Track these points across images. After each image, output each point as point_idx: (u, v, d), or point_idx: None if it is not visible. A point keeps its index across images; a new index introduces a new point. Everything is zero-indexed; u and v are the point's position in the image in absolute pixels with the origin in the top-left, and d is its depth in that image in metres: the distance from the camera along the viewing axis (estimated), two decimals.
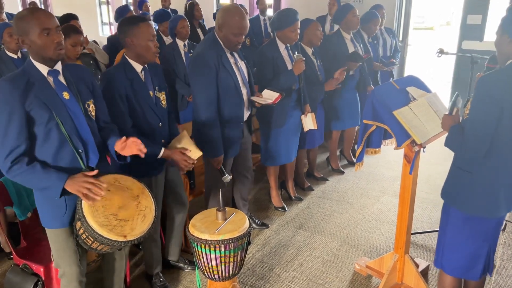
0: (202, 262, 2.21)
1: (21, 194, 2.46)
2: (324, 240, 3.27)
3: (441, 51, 3.31)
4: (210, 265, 2.19)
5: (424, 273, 2.76)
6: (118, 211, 1.87)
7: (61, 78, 1.87)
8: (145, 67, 2.34)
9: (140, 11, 7.03)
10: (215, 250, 2.13)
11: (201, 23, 6.12)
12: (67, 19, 4.27)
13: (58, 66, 1.86)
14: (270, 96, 2.92)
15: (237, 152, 2.91)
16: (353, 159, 4.67)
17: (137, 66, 2.31)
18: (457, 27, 6.46)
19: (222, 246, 2.12)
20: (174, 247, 2.81)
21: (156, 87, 2.39)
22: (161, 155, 2.33)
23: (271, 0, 7.64)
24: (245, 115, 2.85)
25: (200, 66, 2.59)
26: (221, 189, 2.34)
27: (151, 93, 2.35)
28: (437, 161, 4.62)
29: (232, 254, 2.17)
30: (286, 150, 3.46)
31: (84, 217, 1.79)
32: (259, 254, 3.09)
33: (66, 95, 1.85)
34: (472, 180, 1.93)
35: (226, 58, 2.66)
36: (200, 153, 2.44)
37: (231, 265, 2.21)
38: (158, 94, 2.39)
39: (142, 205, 1.96)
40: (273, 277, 2.84)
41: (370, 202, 3.87)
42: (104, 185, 1.81)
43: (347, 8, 4.01)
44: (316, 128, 3.56)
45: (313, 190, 4.08)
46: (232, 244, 2.14)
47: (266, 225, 3.44)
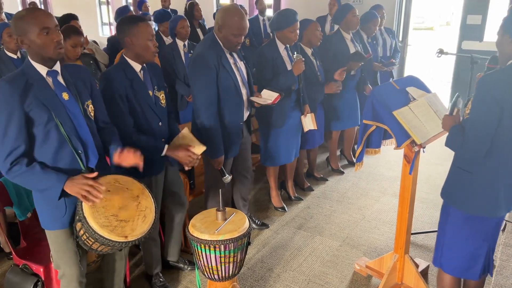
0: (202, 262, 2.21)
1: (21, 194, 2.46)
2: (324, 240, 3.27)
3: (441, 51, 3.31)
4: (210, 265, 2.19)
5: (424, 273, 2.76)
6: (118, 211, 1.87)
7: (60, 79, 1.86)
8: (143, 66, 2.33)
9: (140, 12, 7.04)
10: (215, 250, 2.13)
11: (201, 23, 6.12)
12: (67, 19, 4.27)
13: (57, 67, 1.86)
14: (270, 96, 2.92)
15: (237, 152, 2.91)
16: (353, 159, 4.67)
17: (136, 66, 2.31)
18: (457, 27, 6.46)
19: (222, 246, 2.12)
20: (174, 247, 2.81)
21: (155, 86, 2.39)
22: (165, 152, 2.33)
23: (270, 1, 7.65)
24: (245, 115, 2.85)
25: (200, 66, 2.59)
26: (221, 189, 2.34)
27: (150, 93, 2.34)
28: (437, 161, 4.62)
29: (232, 254, 2.17)
30: (286, 150, 3.46)
31: (84, 218, 1.79)
32: (259, 254, 3.09)
33: (65, 95, 1.84)
34: (472, 180, 1.93)
35: (225, 59, 2.66)
36: (203, 147, 2.43)
37: (231, 265, 2.21)
38: (157, 94, 2.39)
39: (142, 205, 1.96)
40: (273, 277, 2.84)
41: (370, 202, 3.87)
42: (103, 188, 1.81)
43: (347, 8, 4.01)
44: (316, 128, 3.55)
45: (313, 190, 4.08)
46: (232, 244, 2.14)
47: (266, 225, 3.44)
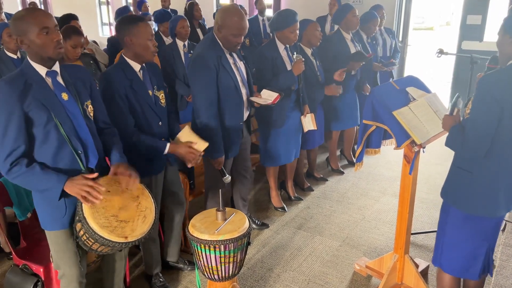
0: (202, 262, 2.21)
1: (21, 195, 2.46)
2: (324, 240, 3.27)
3: (441, 52, 3.31)
4: (210, 265, 2.19)
5: (424, 273, 2.76)
6: (118, 212, 1.87)
7: (60, 79, 1.86)
8: (143, 66, 2.33)
9: (139, 12, 7.04)
10: (215, 251, 2.13)
11: (201, 23, 6.12)
12: (67, 19, 4.27)
13: (56, 67, 1.85)
14: (269, 96, 2.92)
15: (237, 153, 2.91)
16: (353, 159, 4.67)
17: (135, 66, 2.30)
18: (456, 27, 6.47)
19: (222, 247, 2.12)
20: (173, 248, 2.81)
21: (155, 86, 2.38)
22: (167, 151, 2.33)
23: (270, 1, 7.64)
24: (245, 115, 2.85)
25: (200, 67, 2.59)
26: (220, 190, 2.34)
27: (150, 92, 2.34)
28: (437, 161, 4.62)
29: (232, 254, 2.17)
30: (286, 150, 3.46)
31: (84, 218, 1.79)
32: (259, 255, 3.09)
33: (64, 96, 1.84)
34: (472, 180, 1.93)
35: (225, 59, 2.65)
36: (206, 144, 2.42)
37: (231, 265, 2.21)
38: (157, 93, 2.39)
39: (142, 205, 1.96)
40: (273, 277, 2.84)
41: (370, 202, 3.87)
42: (102, 189, 1.81)
43: (346, 8, 4.01)
44: (315, 128, 3.55)
45: (313, 190, 4.08)
46: (232, 244, 2.14)
47: (266, 225, 3.44)
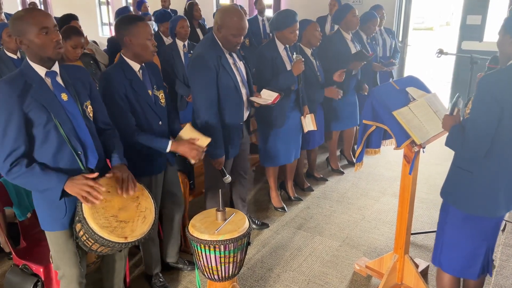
0: (202, 262, 2.21)
1: (21, 195, 2.46)
2: (324, 240, 3.27)
3: (441, 52, 3.31)
4: (210, 265, 2.19)
5: (423, 274, 2.76)
6: (118, 212, 1.87)
7: (59, 79, 1.85)
8: (142, 66, 2.33)
9: (139, 12, 7.04)
10: (215, 251, 2.13)
11: (201, 23, 6.12)
12: (67, 19, 4.26)
13: (56, 67, 1.85)
14: (269, 96, 2.92)
15: (237, 153, 2.90)
16: (353, 159, 4.67)
17: (134, 66, 2.30)
18: (456, 27, 6.46)
19: (222, 247, 2.12)
20: (172, 249, 2.80)
21: (154, 85, 2.38)
22: (169, 149, 2.31)
23: (270, 1, 7.64)
24: (245, 115, 2.85)
25: (200, 67, 2.59)
26: (220, 190, 2.34)
27: (149, 92, 2.34)
28: (437, 161, 4.62)
29: (231, 254, 2.17)
30: (285, 150, 3.46)
31: (84, 219, 1.78)
32: (259, 255, 3.09)
33: (64, 96, 1.83)
34: (472, 179, 1.93)
35: (225, 59, 2.65)
36: (208, 139, 2.41)
37: (231, 265, 2.21)
38: (156, 93, 2.38)
39: (142, 206, 1.96)
40: (273, 277, 2.84)
41: (369, 202, 3.87)
42: (102, 189, 1.81)
43: (346, 8, 4.01)
44: (316, 129, 3.56)
45: (313, 190, 4.08)
46: (232, 244, 2.14)
47: (266, 225, 3.44)
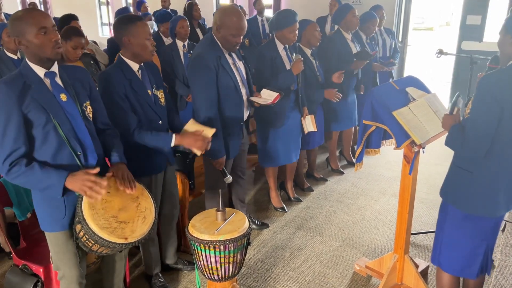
0: (202, 262, 2.21)
1: (21, 195, 2.46)
2: (324, 240, 3.26)
3: (441, 52, 3.31)
4: (210, 265, 2.19)
5: (423, 274, 2.76)
6: (118, 213, 1.87)
7: (58, 80, 1.85)
8: (141, 65, 2.33)
9: (139, 12, 7.04)
10: (215, 251, 2.13)
11: (201, 23, 6.12)
12: (67, 19, 4.26)
13: (55, 68, 1.84)
14: (269, 96, 2.91)
15: (237, 153, 2.90)
16: (352, 159, 4.67)
17: (133, 65, 2.30)
18: (456, 27, 6.47)
19: (222, 247, 2.12)
20: (170, 249, 2.80)
21: (154, 85, 2.38)
22: (174, 143, 2.29)
23: (270, 1, 7.64)
24: (245, 115, 2.85)
25: (200, 67, 2.59)
26: (220, 190, 2.34)
27: (149, 92, 2.34)
28: (437, 162, 4.62)
29: (231, 254, 2.17)
30: (285, 151, 3.46)
31: (84, 220, 1.78)
32: (259, 255, 3.09)
33: (63, 97, 1.83)
34: (472, 179, 1.93)
35: (225, 59, 2.65)
36: (213, 130, 2.40)
37: (231, 265, 2.21)
38: (156, 92, 2.38)
39: (142, 206, 1.96)
40: (273, 277, 2.84)
41: (369, 202, 3.87)
42: (104, 183, 1.80)
43: (346, 8, 4.01)
44: (316, 130, 3.56)
45: (312, 190, 4.08)
46: (232, 244, 2.14)
47: (266, 225, 3.44)
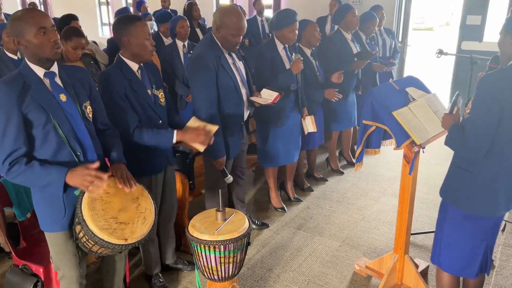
0: (202, 262, 2.21)
1: (21, 195, 2.46)
2: (324, 240, 3.26)
3: (441, 52, 3.31)
4: (210, 265, 2.19)
5: (423, 274, 2.76)
6: (118, 214, 1.86)
7: (58, 80, 1.85)
8: (141, 65, 2.33)
9: (139, 13, 7.04)
10: (215, 251, 2.13)
11: (201, 23, 6.12)
12: (67, 19, 4.26)
13: (55, 68, 1.84)
14: (269, 95, 2.91)
15: (238, 153, 2.90)
16: (352, 159, 4.68)
17: (133, 66, 2.29)
18: (456, 27, 6.46)
19: (222, 247, 2.12)
20: (169, 250, 2.80)
21: (154, 85, 2.38)
22: (175, 138, 2.27)
23: (270, 1, 7.64)
24: (245, 115, 2.85)
25: (200, 67, 2.59)
26: (220, 190, 2.34)
27: (149, 92, 2.34)
28: (437, 162, 4.62)
29: (231, 254, 2.17)
30: (285, 151, 3.45)
31: (84, 221, 1.78)
32: (259, 255, 3.08)
33: (63, 97, 1.82)
34: (472, 179, 1.93)
35: (224, 59, 2.65)
36: (216, 126, 2.40)
37: (231, 265, 2.21)
38: (156, 92, 2.38)
39: (142, 207, 1.95)
40: (273, 277, 2.84)
41: (369, 202, 3.87)
42: (105, 177, 1.78)
43: (346, 8, 4.01)
44: (316, 131, 3.56)
45: (312, 190, 4.08)
46: (232, 244, 2.14)
47: (266, 225, 3.44)
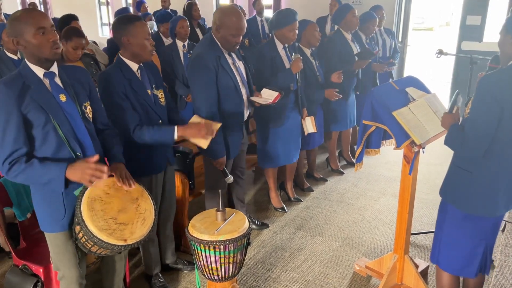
0: (202, 262, 2.21)
1: (21, 195, 2.46)
2: (324, 240, 3.26)
3: (441, 52, 3.31)
4: (210, 265, 2.19)
5: (423, 274, 2.76)
6: (117, 214, 1.86)
7: (58, 80, 1.85)
8: (140, 65, 2.33)
9: (139, 13, 7.04)
10: (215, 251, 2.13)
11: (201, 23, 6.11)
12: (67, 20, 4.26)
13: (54, 68, 1.84)
14: (270, 95, 2.91)
15: (238, 153, 2.90)
16: (352, 159, 4.68)
17: (133, 65, 2.29)
18: (456, 27, 6.46)
19: (222, 247, 2.12)
20: (168, 249, 2.80)
21: (153, 85, 2.38)
22: (177, 134, 2.26)
23: (270, 1, 7.65)
24: (245, 115, 2.85)
25: (199, 67, 2.58)
26: (221, 190, 2.34)
27: (149, 92, 2.34)
28: (437, 162, 4.62)
29: (231, 254, 2.17)
30: (285, 151, 3.45)
31: (83, 221, 1.77)
32: (259, 255, 3.08)
33: (62, 97, 1.82)
34: (471, 179, 1.94)
35: (224, 59, 2.65)
36: (219, 124, 2.39)
37: (231, 265, 2.21)
38: (156, 92, 2.38)
39: (141, 208, 1.95)
40: (273, 277, 2.84)
41: (369, 202, 3.87)
42: (105, 168, 1.78)
43: (346, 8, 4.01)
44: (316, 131, 3.56)
45: (312, 190, 4.08)
46: (232, 244, 2.14)
47: (266, 225, 3.44)
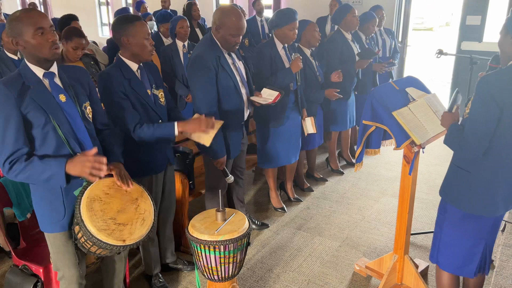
0: (202, 263, 2.21)
1: (21, 195, 2.46)
2: (324, 240, 3.26)
3: (441, 52, 3.31)
4: (210, 265, 2.19)
5: (423, 274, 2.76)
6: (117, 215, 1.86)
7: (57, 80, 1.85)
8: (140, 65, 2.33)
9: (139, 13, 7.04)
10: (215, 251, 2.13)
11: (200, 23, 6.11)
12: (67, 20, 4.27)
13: (54, 68, 1.84)
14: (270, 95, 2.91)
15: (238, 153, 2.90)
16: (352, 159, 4.68)
17: (132, 65, 2.30)
18: (456, 28, 6.47)
19: (222, 247, 2.12)
20: (168, 249, 2.80)
21: (153, 85, 2.38)
22: (177, 129, 2.25)
23: (270, 1, 7.65)
24: (245, 115, 2.85)
25: (199, 67, 2.59)
26: (221, 190, 2.34)
27: (148, 92, 2.34)
28: (436, 162, 4.62)
29: (231, 254, 2.17)
30: (284, 151, 3.45)
31: (82, 221, 1.78)
32: (259, 255, 3.09)
33: (62, 97, 1.82)
34: (471, 179, 1.94)
35: (224, 59, 2.65)
36: (221, 122, 2.40)
37: (231, 265, 2.21)
38: (155, 92, 2.38)
39: (141, 208, 1.95)
40: (273, 277, 2.84)
41: (369, 202, 3.87)
42: (104, 160, 1.77)
43: (346, 8, 4.01)
44: (316, 132, 3.56)
45: (312, 190, 4.08)
46: (232, 244, 2.14)
47: (266, 225, 3.44)
